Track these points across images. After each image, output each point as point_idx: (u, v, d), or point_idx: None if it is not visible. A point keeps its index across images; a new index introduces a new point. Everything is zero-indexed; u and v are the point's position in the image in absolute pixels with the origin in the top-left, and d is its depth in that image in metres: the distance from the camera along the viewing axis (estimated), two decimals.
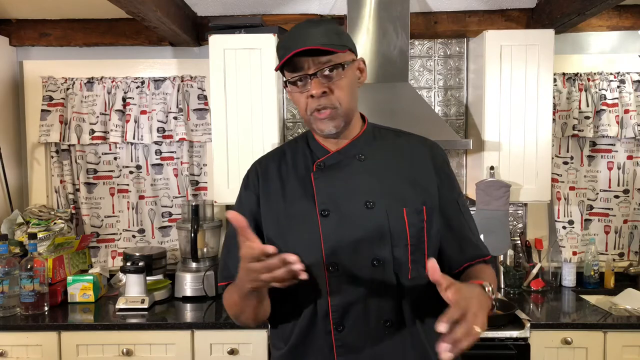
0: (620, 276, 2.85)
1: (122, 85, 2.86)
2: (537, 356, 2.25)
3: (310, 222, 1.23)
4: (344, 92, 1.21)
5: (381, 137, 1.33)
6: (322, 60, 1.18)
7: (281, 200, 1.28)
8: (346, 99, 1.22)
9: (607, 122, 2.78)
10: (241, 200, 1.34)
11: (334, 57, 1.19)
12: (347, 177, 1.26)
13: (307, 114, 1.23)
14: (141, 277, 2.51)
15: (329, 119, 1.21)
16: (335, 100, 1.21)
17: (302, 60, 1.18)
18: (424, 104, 2.54)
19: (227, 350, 2.30)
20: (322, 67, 1.19)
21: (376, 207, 1.23)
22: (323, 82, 1.19)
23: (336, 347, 1.21)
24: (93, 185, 2.95)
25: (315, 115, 1.21)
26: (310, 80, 1.19)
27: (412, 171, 1.29)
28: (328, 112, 1.21)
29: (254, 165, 1.37)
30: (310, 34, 1.18)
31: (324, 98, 1.20)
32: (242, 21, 2.63)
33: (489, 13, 2.81)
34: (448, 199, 1.30)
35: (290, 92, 1.25)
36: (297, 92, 1.22)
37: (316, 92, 1.18)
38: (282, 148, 1.38)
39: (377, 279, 1.21)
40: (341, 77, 1.21)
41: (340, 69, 1.20)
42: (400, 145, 1.33)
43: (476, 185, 2.58)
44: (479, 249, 1.33)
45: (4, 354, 2.29)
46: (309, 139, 1.34)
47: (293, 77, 1.21)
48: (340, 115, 1.22)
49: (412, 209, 1.24)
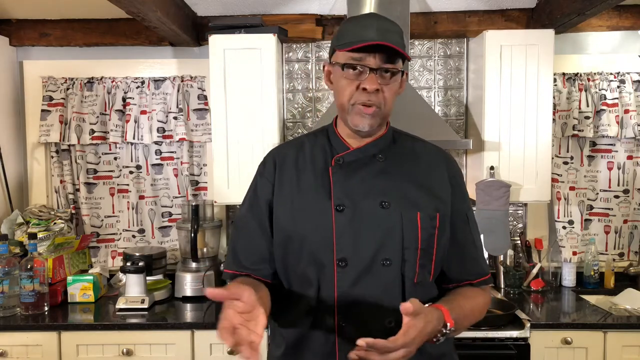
0: (620, 276, 2.85)
1: (122, 85, 2.86)
2: (537, 356, 2.25)
3: (324, 216, 1.24)
4: (391, 96, 1.24)
5: (400, 141, 1.35)
6: (387, 61, 1.20)
7: (295, 190, 1.28)
8: (390, 102, 1.24)
9: (607, 122, 2.77)
10: (256, 187, 1.34)
11: (397, 64, 1.22)
12: (365, 175, 1.27)
13: (349, 103, 1.23)
14: (141, 277, 2.51)
15: (370, 117, 1.23)
16: (381, 100, 1.22)
17: (368, 51, 1.19)
18: (424, 104, 2.54)
19: (227, 350, 2.29)
20: (386, 67, 1.20)
21: (391, 207, 1.24)
22: (379, 80, 1.21)
23: (339, 343, 1.22)
24: (93, 185, 2.95)
25: (359, 108, 1.22)
26: (368, 73, 1.20)
27: (428, 178, 1.31)
28: (373, 110, 1.22)
29: (271, 153, 1.38)
30: (389, 31, 1.21)
31: (374, 95, 1.21)
32: (242, 21, 2.63)
33: (489, 13, 2.81)
34: (458, 211, 1.32)
35: (336, 74, 1.25)
36: (346, 78, 1.22)
37: (371, 87, 1.20)
38: (301, 139, 1.38)
39: (385, 279, 1.22)
40: (394, 83, 1.23)
41: (399, 75, 1.23)
42: (417, 152, 1.35)
43: (476, 185, 2.58)
44: (479, 266, 1.34)
45: (4, 354, 2.29)
46: (329, 133, 1.34)
47: (353, 62, 1.21)
48: (380, 117, 1.24)
49: (426, 215, 1.25)
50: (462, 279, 1.32)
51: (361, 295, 1.21)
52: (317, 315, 1.23)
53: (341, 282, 1.22)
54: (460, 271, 1.32)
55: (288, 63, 2.92)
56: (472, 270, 1.33)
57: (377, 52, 1.19)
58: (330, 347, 1.22)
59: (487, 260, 2.75)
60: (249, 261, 1.30)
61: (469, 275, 1.32)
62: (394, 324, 1.21)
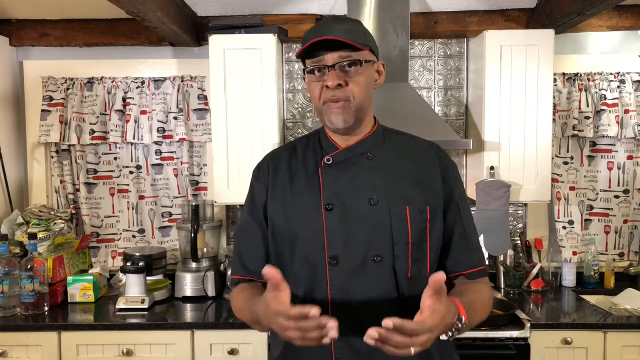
0: (620, 276, 2.85)
1: (122, 85, 2.86)
2: (537, 356, 2.25)
3: (315, 215, 1.26)
4: (358, 88, 1.24)
5: (390, 139, 1.36)
6: (342, 55, 1.22)
7: (288, 192, 1.31)
8: (360, 94, 1.25)
9: (607, 122, 2.77)
10: (253, 192, 1.38)
11: (354, 54, 1.23)
12: (354, 174, 1.29)
13: (320, 104, 1.26)
14: (141, 277, 2.51)
15: (340, 112, 1.24)
16: (349, 93, 1.23)
17: (323, 52, 1.22)
18: (424, 104, 2.54)
19: (227, 350, 2.30)
20: (341, 61, 1.22)
21: (379, 204, 1.25)
22: (340, 75, 1.23)
23: (334, 340, 1.21)
24: (93, 185, 2.95)
25: (328, 105, 1.24)
26: (327, 71, 1.22)
27: (418, 172, 1.31)
28: (341, 104, 1.23)
29: (266, 157, 1.41)
30: (335, 28, 1.22)
31: (339, 90, 1.23)
32: (242, 21, 2.63)
33: (489, 13, 2.81)
34: (449, 202, 1.31)
35: (307, 81, 1.28)
36: (313, 81, 1.26)
37: (331, 83, 1.22)
38: (294, 143, 1.41)
39: (377, 275, 1.23)
40: (358, 73, 1.24)
41: (358, 66, 1.23)
42: (407, 147, 1.36)
43: (476, 185, 2.58)
44: (471, 257, 1.32)
45: (4, 354, 2.29)
46: (320, 135, 1.37)
47: (311, 66, 1.25)
48: (352, 110, 1.25)
49: (415, 208, 1.26)
50: (455, 269, 1.31)
51: (354, 292, 1.23)
52: None
53: (334, 280, 1.23)
54: (452, 262, 1.31)
55: (288, 63, 2.92)
56: (463, 261, 1.31)
57: (332, 49, 1.21)
58: (325, 347, 1.22)
59: (487, 261, 2.79)
60: (252, 265, 1.33)
61: (461, 266, 1.30)
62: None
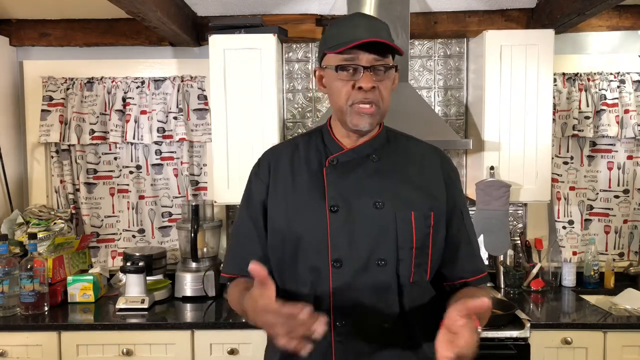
0: (620, 276, 2.85)
1: (122, 85, 2.86)
2: (537, 356, 2.25)
3: (319, 216, 1.24)
4: (387, 93, 1.23)
5: (394, 141, 1.35)
6: (377, 57, 1.19)
7: (290, 191, 1.28)
8: (387, 99, 1.24)
9: (607, 122, 2.77)
10: (251, 189, 1.35)
11: (388, 59, 1.21)
12: (359, 176, 1.27)
13: (347, 104, 1.22)
14: (141, 277, 2.51)
15: (369, 115, 1.22)
16: (378, 97, 1.22)
17: (359, 51, 1.18)
18: (424, 104, 2.54)
19: (227, 350, 2.30)
20: (377, 64, 1.19)
21: (385, 208, 1.24)
22: (374, 77, 1.20)
23: (335, 343, 1.21)
24: (93, 185, 2.95)
25: (357, 107, 1.21)
26: (362, 72, 1.19)
27: (422, 177, 1.30)
28: (372, 108, 1.21)
29: (266, 154, 1.38)
30: (376, 27, 1.20)
31: (371, 92, 1.20)
32: (242, 21, 2.63)
33: (489, 13, 2.81)
34: (452, 208, 1.31)
35: (329, 77, 1.24)
36: (341, 80, 1.22)
37: (366, 85, 1.19)
38: (295, 140, 1.38)
39: (380, 279, 1.22)
40: (389, 78, 1.23)
41: (393, 70, 1.23)
42: (412, 151, 1.34)
43: (476, 185, 2.58)
44: (474, 263, 1.33)
45: (4, 354, 2.29)
46: (324, 134, 1.34)
47: (345, 63, 1.20)
48: (378, 114, 1.24)
49: (420, 214, 1.25)
50: (458, 276, 1.31)
51: (357, 295, 1.21)
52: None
53: (336, 282, 1.22)
54: (455, 269, 1.31)
55: (288, 63, 2.92)
56: (467, 267, 1.31)
57: (368, 50, 1.18)
58: (326, 347, 1.22)
59: (487, 261, 2.79)
60: (244, 263, 1.28)
61: (464, 272, 1.31)
62: (389, 325, 1.21)
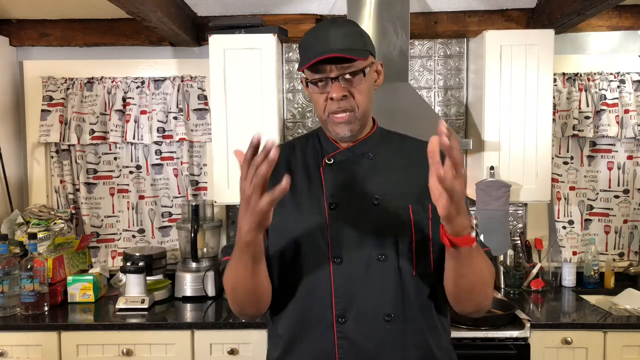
0: (620, 276, 2.85)
1: (122, 85, 2.86)
2: (537, 356, 2.25)
3: (318, 214, 1.25)
4: (362, 96, 1.24)
5: (389, 140, 1.36)
6: (345, 65, 1.20)
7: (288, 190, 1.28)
8: (364, 102, 1.24)
9: (607, 122, 2.78)
10: None
11: (356, 63, 1.21)
12: (356, 173, 1.29)
13: (325, 115, 1.25)
14: (141, 277, 2.51)
15: (346, 123, 1.23)
16: (353, 103, 1.23)
17: (324, 64, 1.20)
18: (424, 104, 2.54)
19: (227, 350, 2.30)
20: (344, 72, 1.20)
21: (382, 203, 1.25)
22: (344, 85, 1.21)
23: (338, 339, 1.21)
24: (93, 185, 2.95)
25: (333, 117, 1.24)
26: (331, 83, 1.21)
27: (418, 171, 1.29)
28: (346, 116, 1.23)
29: None
30: (334, 37, 1.20)
31: (343, 101, 1.22)
32: (242, 21, 2.63)
33: (489, 13, 2.81)
34: None
35: (310, 92, 1.27)
36: (317, 93, 1.24)
37: (336, 95, 1.20)
38: (292, 142, 1.40)
39: (381, 274, 1.23)
40: (361, 82, 1.23)
41: (361, 75, 1.22)
42: (406, 148, 1.36)
43: (476, 185, 2.58)
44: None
45: (4, 354, 2.29)
46: (320, 135, 1.36)
47: (314, 79, 1.23)
48: (357, 119, 1.25)
49: (418, 207, 1.26)
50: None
51: (358, 291, 1.22)
52: (315, 312, 1.23)
53: (337, 278, 1.22)
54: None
55: (288, 63, 2.92)
56: None
57: (332, 61, 1.19)
58: (330, 344, 1.22)
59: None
60: None
61: None
62: (392, 320, 1.22)
